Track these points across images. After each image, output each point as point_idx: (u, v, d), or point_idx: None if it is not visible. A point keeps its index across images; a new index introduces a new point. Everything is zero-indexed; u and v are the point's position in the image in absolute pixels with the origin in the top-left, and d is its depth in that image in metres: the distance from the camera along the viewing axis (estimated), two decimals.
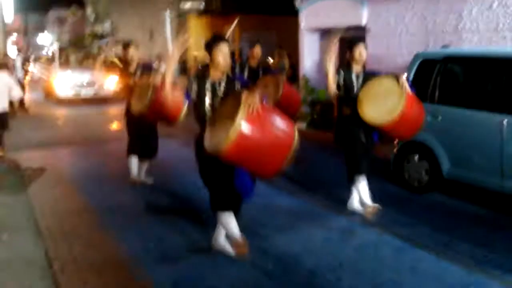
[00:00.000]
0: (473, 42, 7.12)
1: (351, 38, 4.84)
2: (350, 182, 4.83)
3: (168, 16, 19.35)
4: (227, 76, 3.67)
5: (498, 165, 4.75)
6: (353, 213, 4.87)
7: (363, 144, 4.71)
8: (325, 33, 10.51)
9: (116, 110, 12.03)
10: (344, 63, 4.80)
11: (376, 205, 4.76)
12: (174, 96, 5.08)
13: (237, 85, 3.67)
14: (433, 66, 5.48)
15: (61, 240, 4.33)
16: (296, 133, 3.31)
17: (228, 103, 3.39)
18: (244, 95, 3.17)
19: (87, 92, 15.25)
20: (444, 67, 5.41)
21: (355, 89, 4.63)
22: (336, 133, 4.97)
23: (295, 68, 10.78)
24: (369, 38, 8.70)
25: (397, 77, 4.42)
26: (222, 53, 3.54)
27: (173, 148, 7.76)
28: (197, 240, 4.28)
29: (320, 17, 10.00)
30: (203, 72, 3.71)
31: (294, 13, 10.78)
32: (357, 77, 4.68)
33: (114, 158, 7.32)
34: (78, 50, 17.81)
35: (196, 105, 3.65)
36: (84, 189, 5.91)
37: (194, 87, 3.63)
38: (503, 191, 4.83)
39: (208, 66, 3.65)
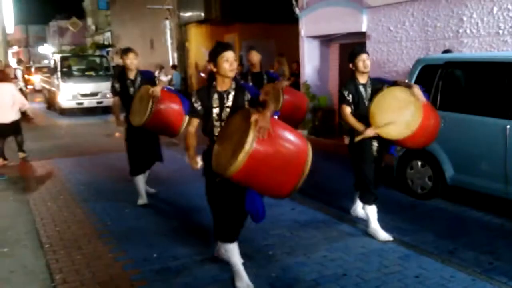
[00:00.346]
0: (474, 47, 7.10)
1: (352, 48, 4.56)
2: (356, 192, 4.71)
3: (168, 26, 19.46)
4: (236, 85, 3.45)
5: (502, 171, 4.71)
6: (357, 220, 4.83)
7: (373, 164, 4.47)
8: (326, 40, 10.52)
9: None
10: (349, 75, 4.58)
11: (389, 237, 4.40)
12: (173, 107, 5.04)
13: (247, 95, 3.43)
14: (434, 71, 5.47)
15: (62, 251, 4.30)
16: (310, 149, 3.13)
17: (238, 119, 3.19)
18: (254, 116, 2.94)
19: (90, 102, 15.25)
20: (446, 72, 5.39)
21: (365, 100, 4.40)
22: (349, 146, 4.68)
23: (297, 76, 10.77)
24: (369, 44, 8.70)
25: (410, 87, 4.21)
26: (228, 61, 3.31)
27: (176, 158, 7.74)
28: (199, 250, 4.24)
29: (320, 24, 10.00)
30: (209, 82, 3.52)
31: (294, 21, 10.79)
32: (365, 87, 4.44)
33: (115, 168, 7.30)
34: (81, 60, 17.77)
35: (203, 117, 3.43)
36: (85, 200, 5.89)
37: (200, 98, 3.42)
38: (507, 197, 4.79)
39: (214, 75, 3.45)
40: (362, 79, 4.46)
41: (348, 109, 4.41)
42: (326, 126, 9.77)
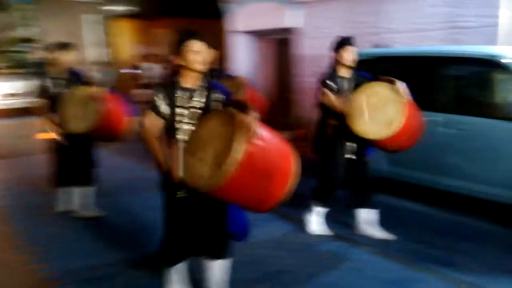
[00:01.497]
0: (398, 42, 7.31)
1: (340, 39, 4.15)
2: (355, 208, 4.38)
3: (94, 20, 18.65)
4: (203, 83, 2.95)
5: (433, 162, 4.85)
6: (293, 217, 4.77)
7: (342, 169, 4.18)
8: (259, 35, 10.48)
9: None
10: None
11: (326, 231, 4.35)
12: (119, 108, 4.57)
13: (215, 95, 2.94)
14: (367, 66, 5.50)
15: None
16: (295, 154, 2.72)
17: (214, 122, 2.72)
18: (241, 117, 2.54)
19: (16, 102, 14.08)
20: (378, 67, 5.45)
21: (345, 95, 4.04)
22: (316, 144, 4.34)
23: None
24: (304, 40, 8.77)
25: (392, 82, 3.85)
26: (194, 52, 2.81)
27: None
28: (128, 257, 3.99)
29: (252, 19, 9.94)
30: (171, 79, 2.96)
31: (219, 16, 10.71)
32: (347, 81, 4.09)
33: (35, 172, 6.76)
34: (4, 56, 16.50)
35: (164, 121, 2.90)
36: (3, 206, 5.40)
37: (165, 95, 2.87)
38: (438, 187, 4.95)
39: (179, 69, 2.91)
40: (344, 73, 4.11)
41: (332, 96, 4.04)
42: (264, 122, 9.71)
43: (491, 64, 4.58)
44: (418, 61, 5.23)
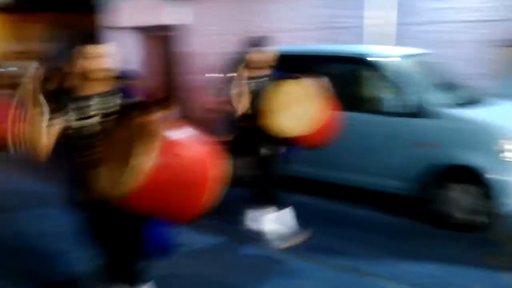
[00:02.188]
0: (280, 41, 7.59)
1: (250, 39, 4.08)
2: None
3: None
4: (109, 88, 2.66)
5: (319, 157, 4.99)
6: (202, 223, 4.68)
7: (270, 165, 4.14)
8: (141, 32, 10.20)
9: None
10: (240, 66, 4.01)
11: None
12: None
13: (119, 100, 2.67)
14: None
15: None
16: (219, 158, 2.47)
17: (120, 129, 2.50)
18: (143, 119, 2.33)
19: None
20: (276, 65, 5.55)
21: (259, 97, 3.91)
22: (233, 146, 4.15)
23: None
24: (186, 37, 8.70)
25: (308, 81, 3.85)
26: (89, 58, 2.52)
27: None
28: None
29: (134, 16, 9.65)
30: (66, 86, 2.62)
31: (95, 11, 10.29)
32: (261, 82, 4.00)
33: None
34: None
35: (62, 134, 2.54)
36: None
37: (52, 107, 2.48)
38: (327, 180, 5.18)
39: (73, 78, 2.61)
40: (257, 73, 4.01)
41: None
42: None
43: (359, 62, 4.92)
44: (297, 59, 5.41)
